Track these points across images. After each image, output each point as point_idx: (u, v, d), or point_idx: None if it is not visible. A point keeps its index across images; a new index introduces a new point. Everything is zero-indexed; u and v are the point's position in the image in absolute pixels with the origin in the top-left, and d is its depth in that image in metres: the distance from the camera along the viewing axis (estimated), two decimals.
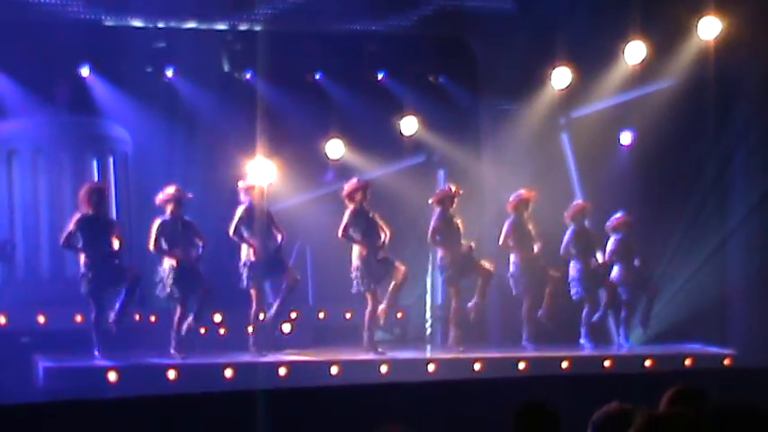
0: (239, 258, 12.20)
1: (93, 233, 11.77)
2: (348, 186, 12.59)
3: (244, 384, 11.10)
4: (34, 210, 14.01)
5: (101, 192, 12.05)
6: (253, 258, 12.10)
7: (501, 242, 13.51)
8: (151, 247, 11.95)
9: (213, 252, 12.50)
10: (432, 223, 13.06)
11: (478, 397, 10.20)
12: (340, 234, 12.48)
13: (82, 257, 11.77)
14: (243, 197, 12.34)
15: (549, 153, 15.28)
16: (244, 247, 12.20)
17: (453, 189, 13.20)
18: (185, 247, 11.99)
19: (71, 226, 11.78)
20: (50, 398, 10.76)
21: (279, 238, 12.32)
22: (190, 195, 12.15)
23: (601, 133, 15.10)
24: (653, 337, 14.13)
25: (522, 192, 13.68)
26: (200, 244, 12.06)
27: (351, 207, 12.50)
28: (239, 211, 12.23)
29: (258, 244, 12.14)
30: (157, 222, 11.95)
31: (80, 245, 11.78)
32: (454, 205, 13.15)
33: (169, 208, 11.99)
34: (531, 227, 13.58)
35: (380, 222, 12.58)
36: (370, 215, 12.51)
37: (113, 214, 13.47)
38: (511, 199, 13.66)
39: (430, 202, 13.26)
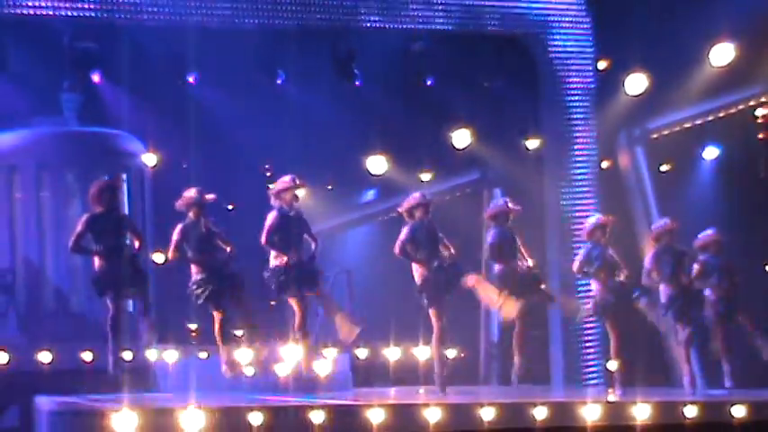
0: (267, 269, 12.11)
1: (105, 231, 11.60)
2: (407, 201, 12.61)
3: (273, 430, 11.01)
4: (38, 234, 14.10)
5: (113, 189, 11.94)
6: (285, 266, 12.02)
7: (576, 267, 13.42)
8: (170, 254, 11.92)
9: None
10: (489, 239, 12.90)
11: None
12: (397, 250, 12.47)
13: (96, 259, 11.64)
14: (273, 201, 12.29)
15: (622, 169, 15.18)
16: (271, 254, 12.10)
17: (510, 204, 13.12)
18: (211, 252, 11.97)
19: (80, 227, 11.63)
20: None
21: (313, 246, 12.32)
22: (212, 196, 12.08)
23: (681, 147, 14.92)
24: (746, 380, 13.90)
25: (600, 216, 13.42)
26: (228, 249, 12.04)
27: (410, 223, 12.45)
28: (271, 216, 12.16)
29: (292, 253, 12.11)
30: (179, 228, 11.95)
31: (93, 247, 11.61)
32: (509, 222, 13.02)
33: (192, 213, 12.01)
34: (613, 254, 13.35)
35: (445, 241, 12.51)
36: (432, 232, 12.47)
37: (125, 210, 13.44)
38: (586, 226, 13.49)
39: (485, 216, 13.17)
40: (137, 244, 11.82)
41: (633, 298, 13.21)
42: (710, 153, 15.40)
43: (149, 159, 14.64)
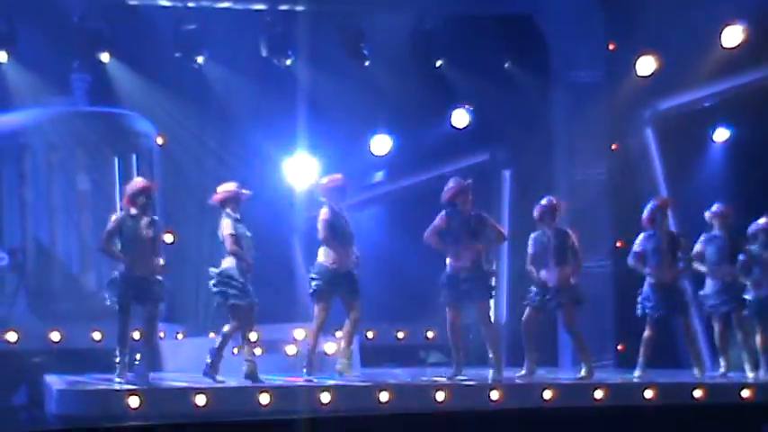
0: (313, 263, 11.79)
1: (135, 237, 11.33)
2: (446, 191, 12.01)
3: (281, 412, 11.12)
4: (48, 213, 14.15)
5: (151, 193, 11.59)
6: (333, 266, 11.69)
7: (630, 260, 12.86)
8: (230, 246, 11.34)
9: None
10: (530, 248, 12.41)
11: (549, 429, 10.11)
12: (425, 235, 11.94)
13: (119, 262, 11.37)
14: (324, 196, 11.76)
15: (632, 151, 15.17)
16: (323, 251, 11.78)
17: (554, 201, 12.48)
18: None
19: (112, 224, 11.34)
20: (64, 425, 10.72)
21: (356, 253, 11.84)
22: (249, 192, 11.72)
23: (692, 129, 14.91)
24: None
25: (657, 200, 13.01)
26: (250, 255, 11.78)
27: (446, 211, 12.11)
28: (324, 212, 11.68)
29: (343, 252, 11.70)
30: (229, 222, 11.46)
31: (119, 249, 11.33)
32: (557, 220, 12.47)
33: (229, 207, 11.58)
34: (679, 238, 12.92)
35: (491, 224, 12.04)
36: (470, 224, 11.96)
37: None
38: (646, 211, 12.84)
39: (535, 215, 12.63)
40: (160, 262, 11.52)
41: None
42: (721, 135, 15.39)
43: (159, 139, 14.72)
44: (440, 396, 11.56)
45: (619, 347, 15.10)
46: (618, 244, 15.09)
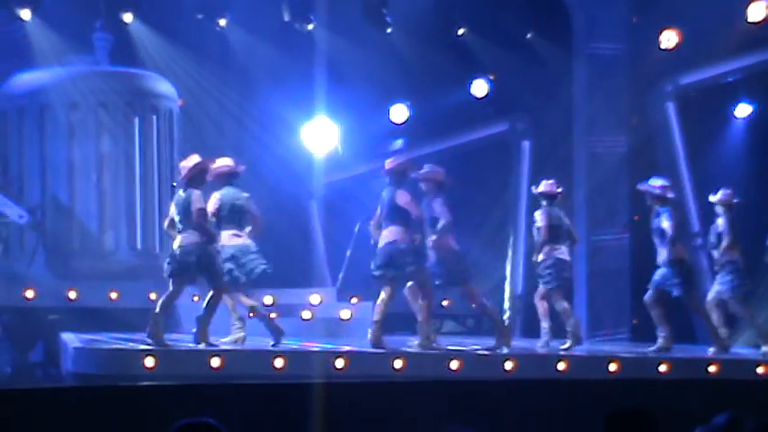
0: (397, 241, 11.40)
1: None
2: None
3: (295, 376, 11.11)
4: (67, 172, 14.15)
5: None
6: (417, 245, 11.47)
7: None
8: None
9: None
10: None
11: (561, 400, 10.13)
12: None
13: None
14: (392, 177, 11.34)
15: (652, 125, 15.05)
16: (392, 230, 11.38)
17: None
18: (242, 227, 11.52)
19: (203, 202, 11.09)
20: (79, 383, 10.82)
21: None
22: (242, 167, 11.90)
23: (713, 104, 14.83)
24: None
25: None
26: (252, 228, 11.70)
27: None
28: (405, 193, 11.32)
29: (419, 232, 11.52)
30: (216, 196, 11.64)
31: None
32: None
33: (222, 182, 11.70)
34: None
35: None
36: (431, 202, 11.71)
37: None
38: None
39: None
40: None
41: None
42: (743, 111, 15.31)
43: (179, 101, 14.73)
44: (454, 365, 11.62)
45: (634, 321, 15.08)
46: (636, 218, 15.06)
